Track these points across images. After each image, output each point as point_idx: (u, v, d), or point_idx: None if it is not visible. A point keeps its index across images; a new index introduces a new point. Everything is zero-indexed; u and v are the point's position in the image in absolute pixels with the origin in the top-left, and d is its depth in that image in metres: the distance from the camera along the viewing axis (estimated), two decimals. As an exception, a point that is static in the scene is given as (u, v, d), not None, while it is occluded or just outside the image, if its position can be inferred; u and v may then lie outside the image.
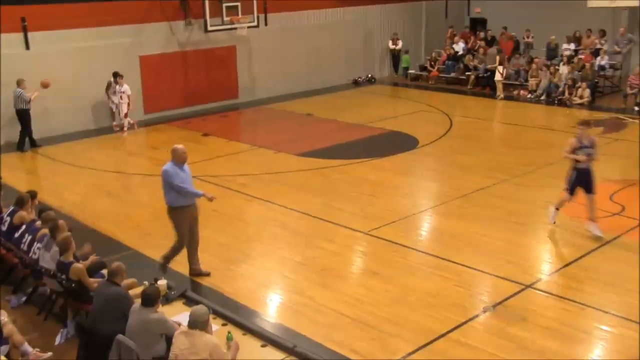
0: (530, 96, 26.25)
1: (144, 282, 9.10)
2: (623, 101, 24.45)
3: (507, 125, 22.06)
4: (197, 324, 7.19)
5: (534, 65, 26.76)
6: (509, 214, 14.03)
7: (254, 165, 18.19)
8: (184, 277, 11.21)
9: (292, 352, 7.91)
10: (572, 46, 28.01)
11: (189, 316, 7.28)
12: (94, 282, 9.38)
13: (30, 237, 10.69)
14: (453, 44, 31.13)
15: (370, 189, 15.95)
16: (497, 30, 30.89)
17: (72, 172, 18.03)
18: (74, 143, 20.96)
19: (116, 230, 13.74)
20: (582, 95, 24.73)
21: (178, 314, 8.46)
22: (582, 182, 12.74)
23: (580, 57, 26.51)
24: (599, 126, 21.29)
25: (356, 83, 30.46)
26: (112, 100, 22.12)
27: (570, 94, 25.03)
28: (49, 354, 9.06)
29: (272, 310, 10.51)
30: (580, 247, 12.27)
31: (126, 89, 21.55)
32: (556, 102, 25.20)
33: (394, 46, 31.73)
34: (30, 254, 10.47)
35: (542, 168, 17.04)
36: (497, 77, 27.15)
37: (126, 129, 21.79)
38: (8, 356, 8.33)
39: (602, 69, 26.70)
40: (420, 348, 9.15)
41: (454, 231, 13.27)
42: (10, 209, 11.54)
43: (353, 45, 30.43)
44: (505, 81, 27.13)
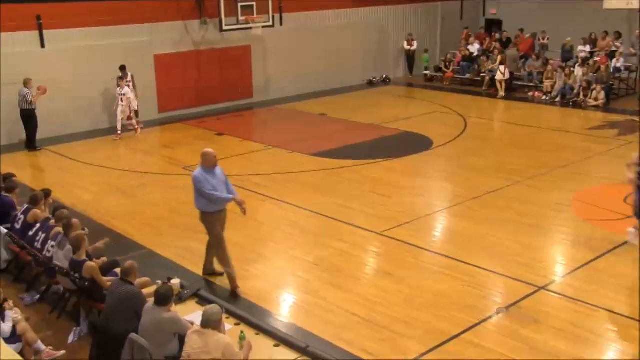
0: (545, 98, 26.16)
1: (157, 281, 9.14)
2: (638, 103, 24.28)
3: (521, 127, 21.98)
4: (210, 323, 7.21)
5: (549, 67, 26.65)
6: (522, 215, 13.99)
7: (267, 165, 18.21)
8: (197, 277, 11.26)
9: (304, 352, 7.91)
10: (588, 48, 27.88)
11: (202, 315, 7.30)
12: (107, 280, 9.41)
13: (44, 235, 10.75)
14: (468, 45, 31.03)
15: (384, 189, 15.93)
16: (513, 31, 30.80)
17: (86, 170, 18.12)
18: (88, 141, 21.05)
19: (130, 228, 13.78)
20: (597, 98, 24.62)
21: (191, 313, 8.47)
22: None
23: (595, 59, 26.41)
24: (614, 128, 21.28)
25: (371, 83, 30.44)
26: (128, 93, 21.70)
27: (585, 96, 24.92)
28: (62, 352, 9.12)
29: (284, 310, 10.51)
30: (593, 249, 12.22)
31: (126, 92, 21.19)
32: (571, 104, 25.07)
33: (409, 47, 31.67)
34: (44, 252, 10.53)
35: (555, 170, 16.98)
36: (499, 76, 27.38)
37: (119, 132, 21.23)
38: (21, 354, 8.35)
39: (617, 71, 26.53)
40: (432, 349, 9.14)
41: (467, 232, 13.25)
42: (25, 207, 11.62)
43: (368, 45, 30.42)
44: (521, 82, 27.04)
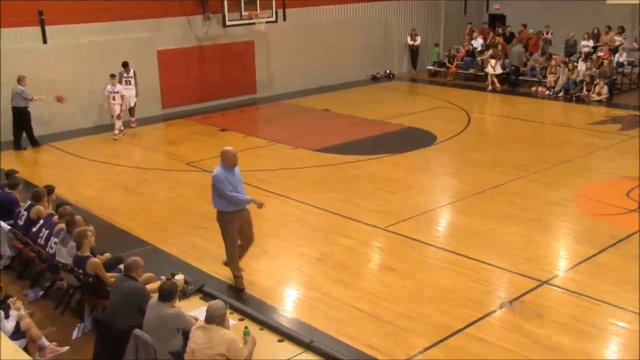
0: (548, 93, 26.13)
1: (161, 277, 9.16)
2: (641, 98, 24.34)
3: (524, 122, 21.96)
4: (214, 319, 7.22)
5: (553, 62, 26.64)
6: (525, 210, 13.99)
7: (271, 160, 18.21)
8: (201, 272, 11.27)
9: (308, 347, 7.94)
10: (591, 43, 27.83)
11: (206, 311, 7.32)
12: (111, 276, 9.41)
13: (48, 231, 10.78)
14: (472, 40, 30.99)
15: (387, 185, 15.94)
16: (516, 27, 30.76)
17: (89, 167, 18.14)
18: (91, 137, 21.08)
19: (133, 225, 13.79)
20: (600, 92, 24.61)
21: (195, 309, 8.50)
22: None
23: (598, 54, 26.39)
24: (617, 123, 21.27)
25: (374, 79, 30.44)
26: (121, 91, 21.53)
27: (589, 90, 24.91)
28: (66, 348, 9.16)
29: (288, 306, 10.53)
30: (596, 244, 12.23)
31: (119, 90, 20.90)
32: (574, 99, 25.07)
33: (413, 42, 31.69)
34: (47, 249, 10.56)
35: (559, 165, 16.98)
36: (489, 70, 27.67)
37: (117, 131, 20.92)
38: (25, 350, 8.36)
39: (620, 65, 26.52)
40: (436, 344, 9.15)
41: (471, 227, 13.25)
42: (27, 203, 11.63)
43: (371, 41, 30.39)
44: (524, 77, 27.02)
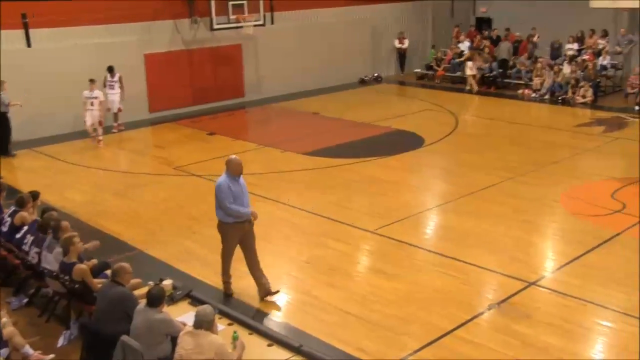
0: (534, 95, 26.25)
1: (149, 283, 9.12)
2: (624, 100, 24.53)
3: (512, 124, 22.04)
4: (203, 324, 7.20)
5: (538, 65, 26.79)
6: (514, 212, 14.06)
7: (260, 164, 18.17)
8: (189, 277, 11.22)
9: (298, 351, 7.93)
10: (576, 46, 27.99)
11: (195, 316, 7.30)
12: (98, 282, 9.37)
13: (32, 237, 10.65)
14: (459, 43, 31.07)
15: (377, 187, 15.96)
16: (503, 30, 30.83)
17: (75, 171, 18.05)
18: (78, 142, 20.92)
19: (121, 230, 13.74)
20: (584, 95, 24.74)
21: (183, 314, 8.47)
22: None
23: (583, 57, 26.54)
24: (601, 125, 21.43)
25: (363, 82, 30.45)
26: (107, 96, 21.41)
27: (574, 93, 25.06)
28: (51, 356, 9.02)
29: (278, 310, 10.48)
30: (583, 244, 12.30)
31: (98, 95, 20.27)
32: (560, 101, 25.21)
33: (401, 45, 31.71)
34: (30, 257, 10.42)
35: (547, 166, 17.07)
36: (467, 71, 28.04)
37: (100, 137, 20.55)
38: (8, 359, 8.32)
39: (604, 68, 26.70)
40: (426, 345, 9.17)
41: (460, 229, 13.29)
42: (11, 209, 11.50)
43: (359, 44, 30.41)
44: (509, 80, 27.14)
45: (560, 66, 26.33)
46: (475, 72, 28.02)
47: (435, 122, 22.60)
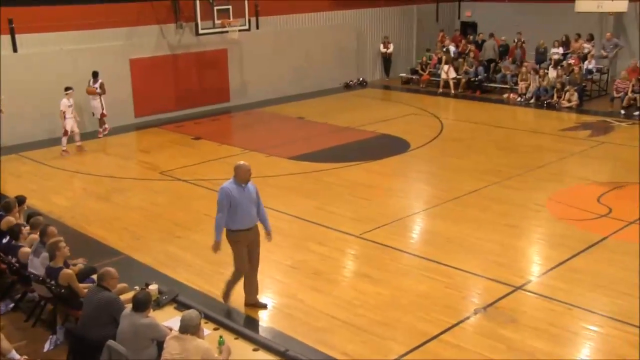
0: (519, 99, 26.35)
1: (135, 287, 9.09)
2: (610, 104, 24.59)
3: (497, 128, 22.13)
4: (189, 329, 7.18)
5: (524, 69, 26.88)
6: (500, 216, 14.10)
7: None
8: (175, 282, 11.21)
9: (283, 355, 7.90)
10: (561, 50, 28.12)
11: (180, 321, 7.27)
12: (84, 287, 9.31)
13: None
14: (444, 47, 31.15)
15: (362, 192, 15.97)
16: (488, 35, 30.95)
17: (61, 176, 17.96)
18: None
19: (107, 234, 13.69)
20: (570, 99, 24.86)
21: (169, 319, 8.43)
22: None
23: (569, 62, 26.67)
24: (587, 129, 21.53)
25: (348, 86, 30.46)
26: (90, 101, 21.55)
27: (559, 97, 25.17)
28: (37, 361, 9.00)
29: (263, 314, 10.46)
30: (569, 249, 12.35)
31: (62, 104, 19.55)
32: (545, 105, 25.30)
33: (385, 49, 31.79)
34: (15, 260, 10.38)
35: (532, 171, 17.12)
36: (443, 75, 28.67)
37: (79, 143, 20.23)
38: (-6, 364, 8.29)
39: (589, 72, 26.84)
40: (412, 350, 9.18)
41: (446, 233, 13.31)
42: (-3, 214, 11.45)
43: (344, 48, 30.44)
44: (494, 84, 27.24)
45: (546, 70, 26.46)
46: (452, 75, 28.43)
47: (421, 127, 22.65)
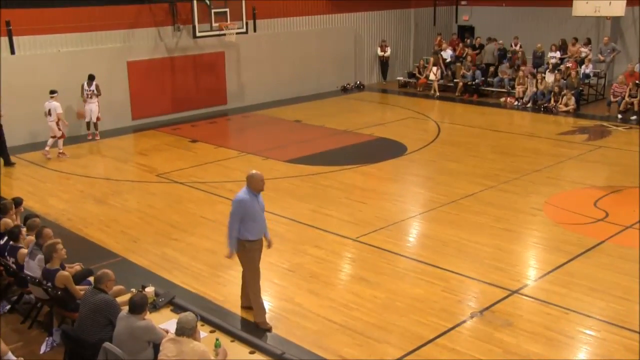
0: (516, 104, 26.39)
1: (132, 290, 9.08)
2: (607, 109, 24.67)
3: (494, 132, 22.15)
4: (185, 331, 7.17)
5: (521, 73, 26.92)
6: (496, 220, 14.11)
7: (242, 171, 18.00)
8: (171, 284, 11.20)
9: (280, 358, 7.91)
10: (558, 54, 28.21)
11: (177, 323, 7.26)
12: (81, 289, 9.32)
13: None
14: (441, 51, 31.18)
15: (359, 195, 15.98)
16: (485, 38, 31.00)
17: (58, 178, 17.93)
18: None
19: (103, 237, 13.68)
20: (567, 103, 24.92)
21: (166, 321, 8.43)
22: None
23: (567, 65, 26.71)
24: (584, 133, 21.57)
25: (345, 90, 30.48)
26: (85, 105, 21.44)
27: (556, 101, 25.21)
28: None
29: (260, 317, 10.49)
30: (565, 253, 12.37)
31: (54, 107, 19.40)
32: (542, 109, 25.36)
33: (383, 53, 31.83)
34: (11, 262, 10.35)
35: (529, 175, 17.14)
36: (431, 77, 29.30)
37: (48, 148, 19.75)
38: (-10, 366, 8.27)
39: (586, 77, 26.89)
40: (408, 354, 9.18)
41: (442, 237, 13.31)
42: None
43: (342, 52, 30.46)
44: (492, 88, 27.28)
45: (543, 74, 26.50)
46: (438, 78, 29.27)
47: (418, 130, 22.69)
